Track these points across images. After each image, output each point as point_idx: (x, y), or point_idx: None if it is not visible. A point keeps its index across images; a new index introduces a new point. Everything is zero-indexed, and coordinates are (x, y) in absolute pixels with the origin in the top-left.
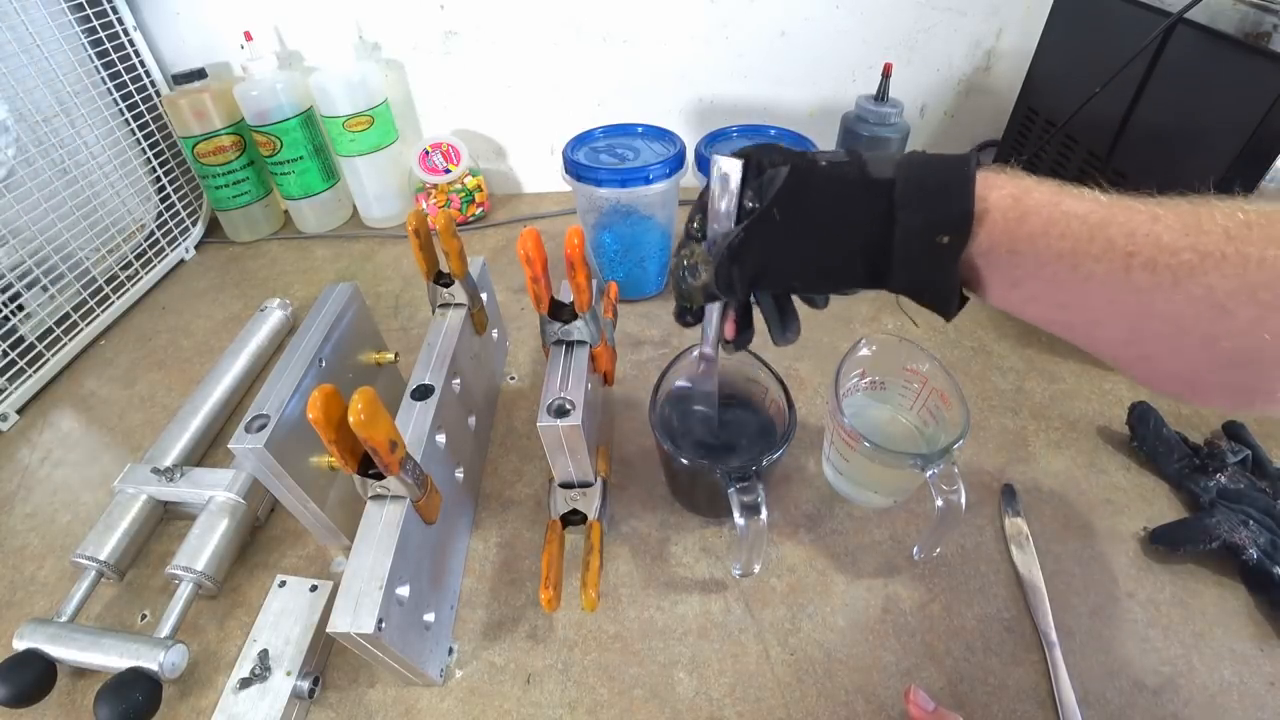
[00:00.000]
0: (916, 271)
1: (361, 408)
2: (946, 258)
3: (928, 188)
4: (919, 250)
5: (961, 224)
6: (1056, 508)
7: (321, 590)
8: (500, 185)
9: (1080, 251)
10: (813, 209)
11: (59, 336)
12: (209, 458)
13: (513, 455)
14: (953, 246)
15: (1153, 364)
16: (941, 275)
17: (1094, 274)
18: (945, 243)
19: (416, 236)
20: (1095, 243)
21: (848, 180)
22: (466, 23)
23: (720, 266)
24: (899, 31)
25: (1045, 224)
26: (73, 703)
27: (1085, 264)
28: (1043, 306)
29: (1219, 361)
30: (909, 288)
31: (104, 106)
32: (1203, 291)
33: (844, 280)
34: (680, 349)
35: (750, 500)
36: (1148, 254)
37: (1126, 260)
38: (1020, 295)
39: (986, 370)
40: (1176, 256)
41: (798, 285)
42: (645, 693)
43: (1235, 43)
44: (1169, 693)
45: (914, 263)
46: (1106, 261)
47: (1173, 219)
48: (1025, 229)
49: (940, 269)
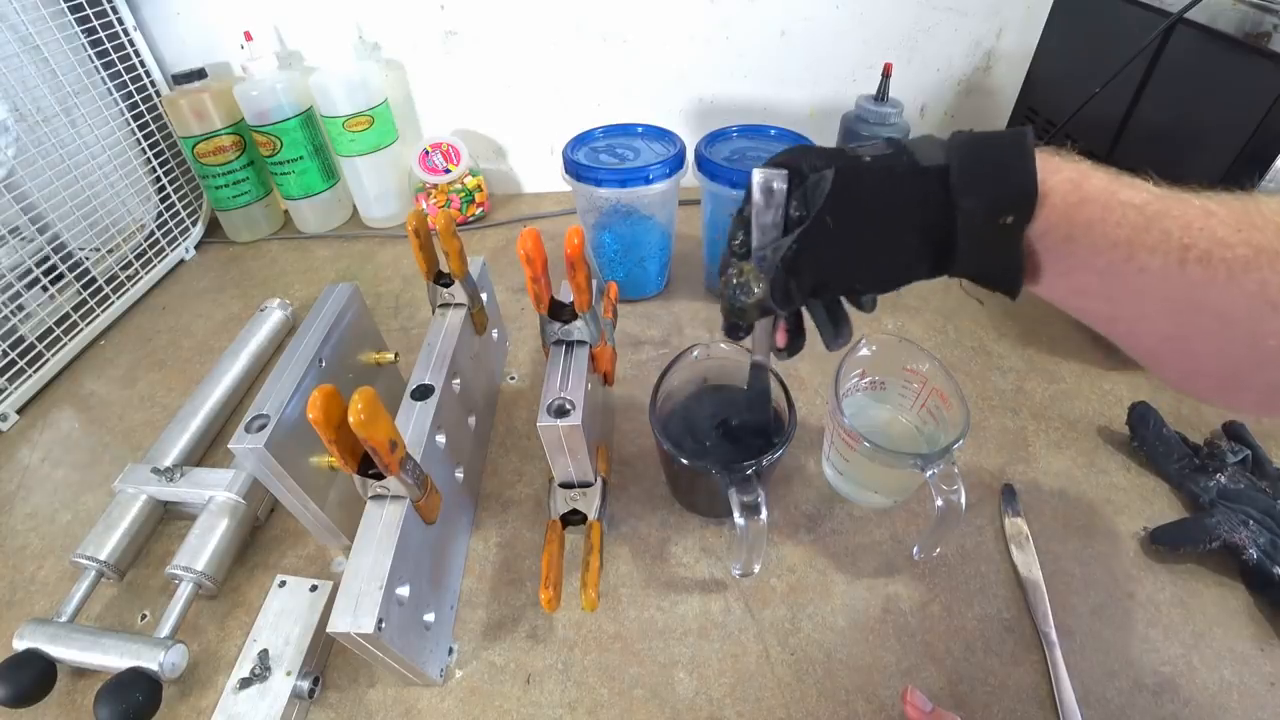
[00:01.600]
0: (981, 256)
1: (361, 408)
2: (1011, 237)
3: (985, 169)
4: (984, 234)
5: (1025, 203)
6: (1056, 508)
7: (321, 590)
8: (500, 185)
9: (1136, 242)
10: (865, 209)
11: (59, 336)
12: (209, 458)
13: (513, 455)
14: (1017, 225)
15: (1195, 361)
16: (1007, 256)
17: (1148, 266)
18: (1009, 223)
19: (416, 236)
20: (1151, 234)
21: (897, 174)
22: (466, 23)
23: (776, 281)
24: (899, 31)
25: (1103, 211)
26: (73, 703)
27: (1140, 255)
28: (1090, 299)
29: (1262, 359)
30: (974, 272)
31: (104, 106)
32: (1256, 287)
33: (907, 276)
34: (680, 349)
35: (750, 500)
36: (1203, 247)
37: (1182, 254)
38: (1069, 285)
39: (986, 370)
40: (1232, 251)
41: (859, 288)
42: (645, 693)
43: (1235, 43)
44: (1169, 693)
45: (979, 248)
46: (1162, 254)
47: (1225, 214)
48: (1083, 215)
49: (1006, 250)
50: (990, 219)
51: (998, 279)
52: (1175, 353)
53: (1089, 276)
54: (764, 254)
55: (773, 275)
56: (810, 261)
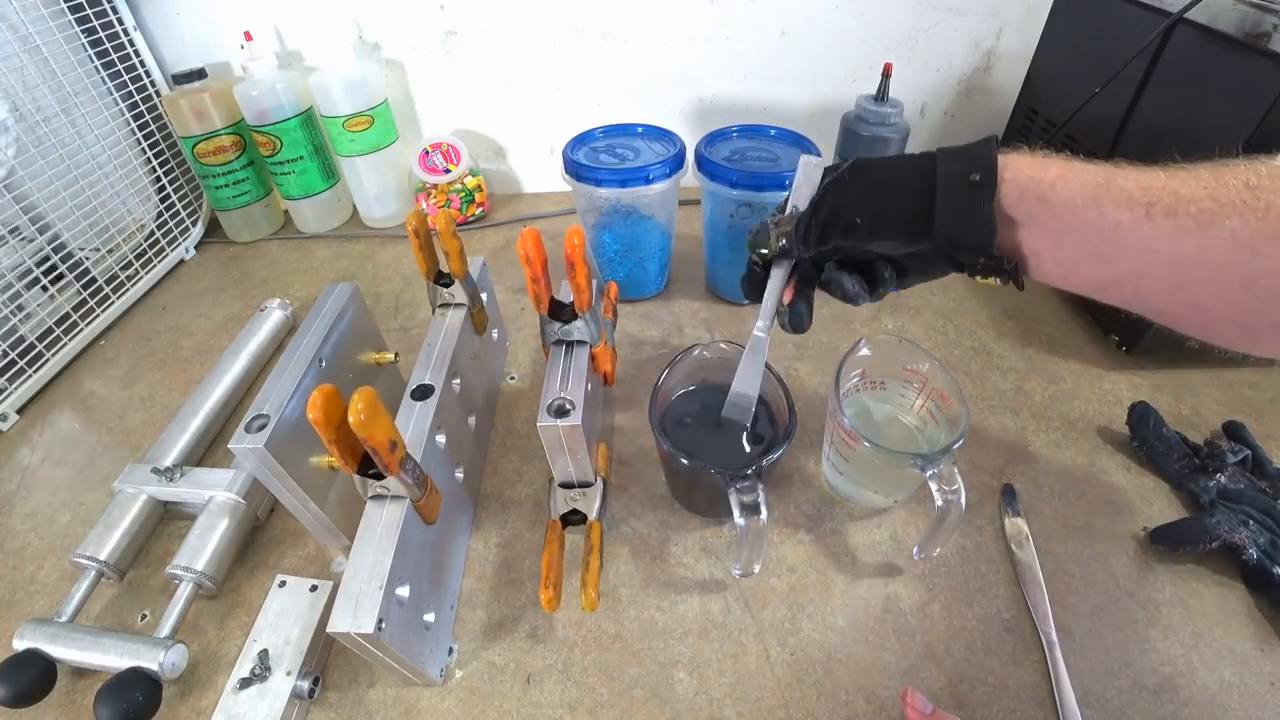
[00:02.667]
0: (955, 207)
1: (361, 408)
2: (980, 194)
3: (959, 152)
4: (956, 186)
5: (989, 167)
6: (1056, 508)
7: (321, 590)
8: (500, 185)
9: (1102, 198)
10: (873, 175)
11: (59, 336)
12: (209, 458)
13: (513, 455)
14: (984, 184)
15: (1204, 312)
16: (976, 213)
17: (1121, 221)
18: (976, 179)
19: (416, 236)
20: (1112, 190)
21: (899, 159)
22: (466, 23)
23: (800, 220)
24: (899, 31)
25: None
26: (73, 703)
27: (1109, 210)
28: (1089, 264)
29: (1262, 300)
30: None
31: (104, 106)
32: (1227, 235)
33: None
34: (680, 349)
35: (750, 500)
36: (1166, 203)
37: (1147, 209)
38: (1066, 255)
39: (986, 370)
40: (1196, 204)
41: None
42: (645, 693)
43: (1235, 43)
44: (1169, 693)
45: (952, 198)
46: (1128, 208)
47: (1187, 176)
48: (1048, 177)
49: (975, 207)
50: (961, 176)
51: (971, 237)
52: (1183, 306)
53: (1078, 239)
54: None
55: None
56: (827, 202)
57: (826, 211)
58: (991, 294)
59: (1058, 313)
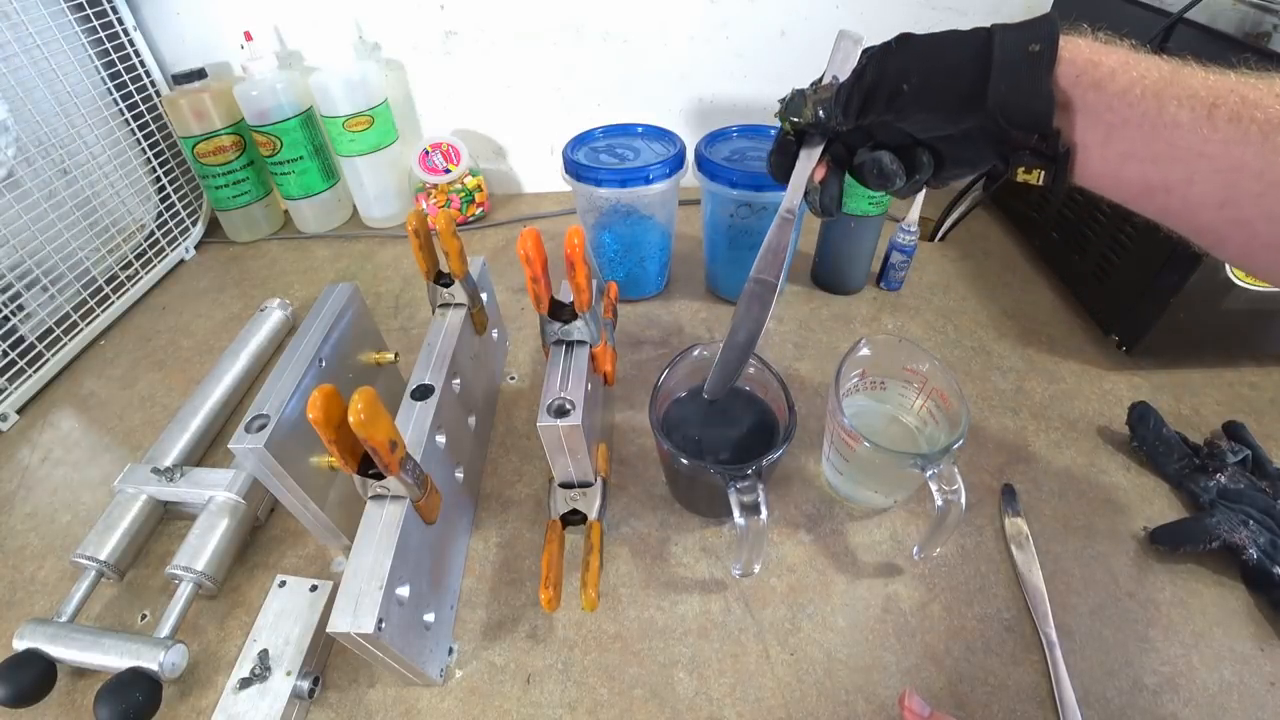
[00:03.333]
0: (1013, 78)
1: (361, 408)
2: (1039, 64)
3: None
4: (1014, 55)
5: (1049, 37)
6: (1056, 508)
7: (321, 590)
8: (500, 185)
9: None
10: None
11: (59, 336)
12: (209, 458)
13: (513, 455)
14: (1044, 55)
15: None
16: (1035, 84)
17: (1179, 120)
18: (1037, 50)
19: (416, 236)
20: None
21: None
22: (466, 23)
23: (841, 88)
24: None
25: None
26: (73, 703)
27: (1169, 106)
28: (1137, 163)
29: None
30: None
31: (104, 106)
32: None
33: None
34: (680, 349)
35: (750, 500)
36: (1232, 105)
37: (1210, 110)
38: (1115, 151)
39: (986, 370)
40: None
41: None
42: (645, 693)
43: (1235, 43)
44: (1169, 693)
45: (1010, 68)
46: (1189, 107)
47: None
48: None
49: (1034, 78)
50: (1020, 44)
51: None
52: (1230, 223)
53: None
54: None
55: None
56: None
57: (871, 77)
58: (991, 294)
59: (1058, 313)
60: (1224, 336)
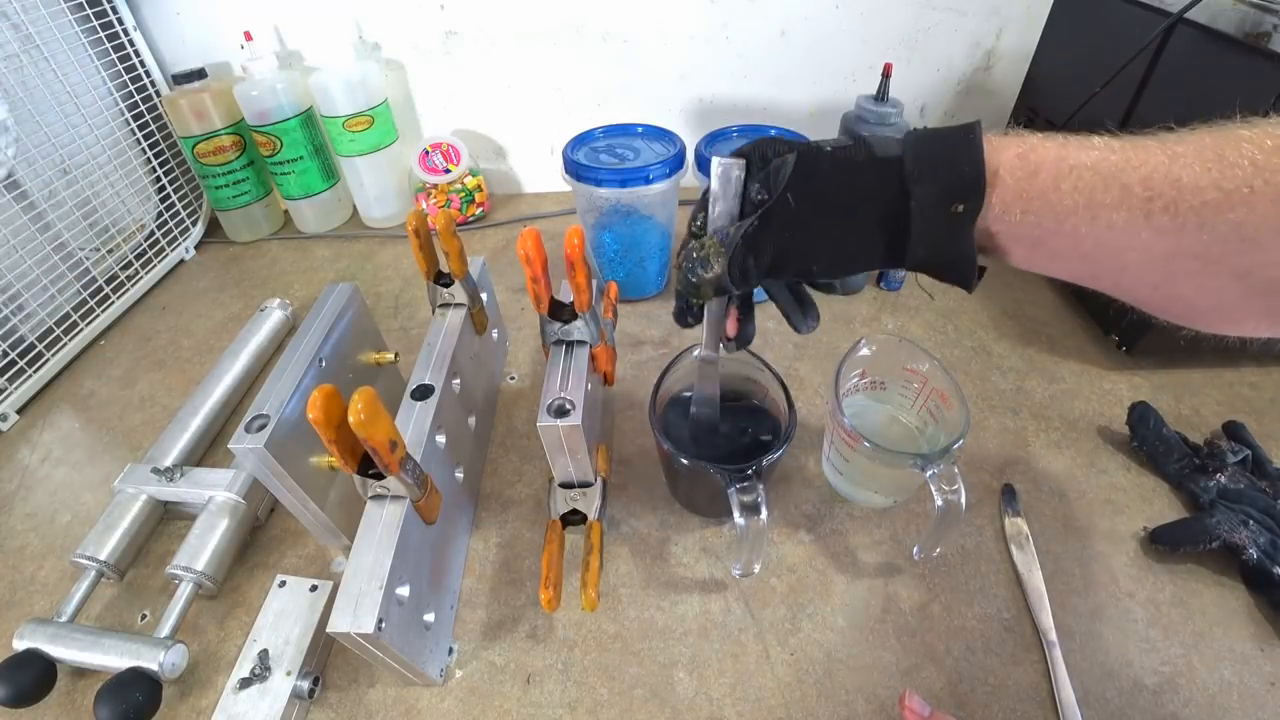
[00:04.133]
0: (934, 245)
1: (361, 408)
2: (963, 226)
3: (936, 159)
4: (935, 222)
5: (974, 189)
6: (1056, 508)
7: (321, 590)
8: (500, 185)
9: (1096, 202)
10: (825, 192)
11: (59, 336)
12: (209, 458)
13: (513, 455)
14: (968, 214)
15: (1186, 303)
16: (959, 245)
17: (1114, 223)
18: (960, 211)
19: (416, 236)
20: (1110, 191)
21: (855, 162)
22: (466, 23)
23: (735, 256)
24: (899, 31)
25: (1055, 179)
26: (73, 703)
27: (1102, 214)
28: (1068, 262)
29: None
30: (927, 262)
31: (104, 106)
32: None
33: (862, 261)
34: (680, 349)
35: (750, 500)
36: (1168, 197)
37: (1146, 206)
38: (1043, 254)
39: (986, 370)
40: (1199, 196)
41: (816, 270)
42: (645, 693)
43: (1235, 43)
44: (1169, 693)
45: (931, 235)
46: (1125, 209)
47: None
48: (1036, 186)
49: (958, 239)
50: (940, 206)
51: (951, 270)
52: (1166, 299)
53: (1060, 241)
54: (726, 231)
55: (732, 251)
56: (769, 239)
57: (770, 253)
58: (991, 294)
59: (1058, 313)
60: (1224, 336)
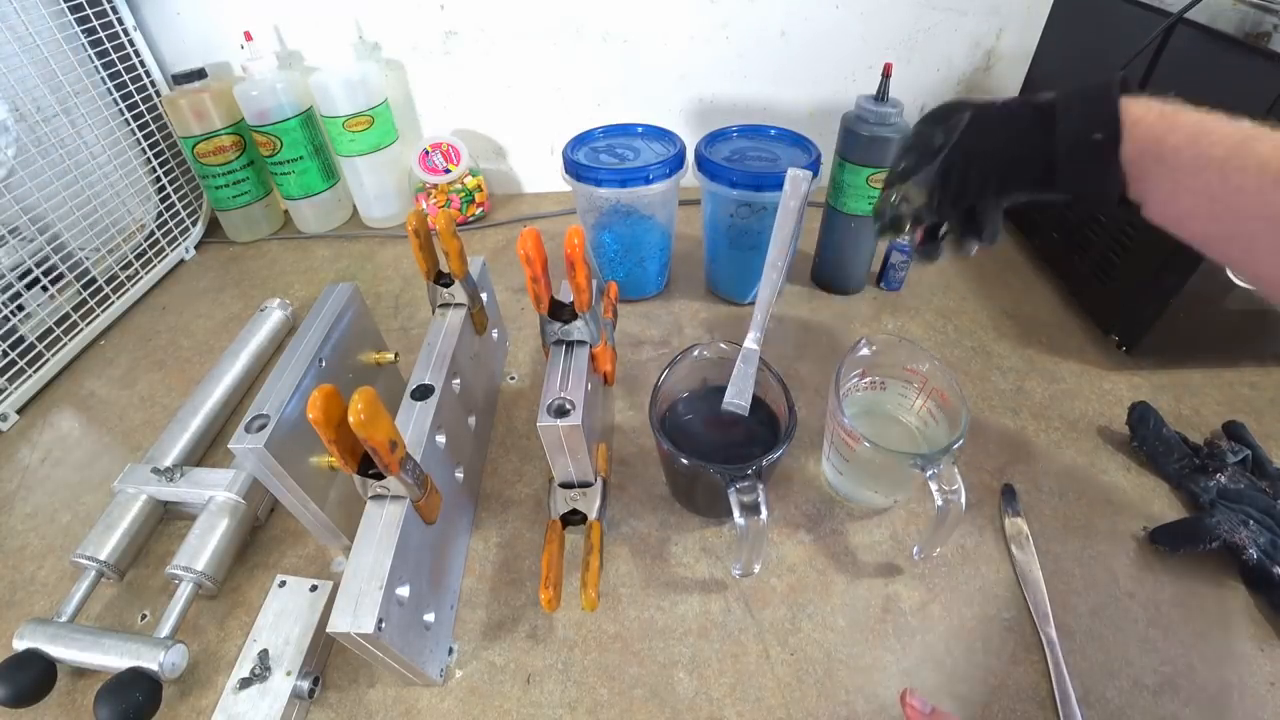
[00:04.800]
0: (1079, 169)
1: (361, 408)
2: (1103, 154)
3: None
4: (1077, 146)
5: (1110, 123)
6: (1056, 508)
7: (321, 590)
8: (500, 185)
9: (1229, 165)
10: (994, 131)
11: (59, 336)
12: (209, 458)
13: (513, 455)
14: (1107, 142)
15: None
16: (1099, 169)
17: (1244, 187)
18: (1099, 139)
19: (416, 236)
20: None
21: (1016, 110)
22: (466, 23)
23: (933, 190)
24: (899, 31)
25: (1191, 137)
26: (73, 703)
27: (1234, 177)
28: (1200, 222)
29: None
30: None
31: (104, 106)
32: None
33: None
34: (680, 349)
35: (750, 500)
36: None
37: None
38: (1177, 211)
39: (986, 370)
40: None
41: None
42: (645, 693)
43: (1235, 43)
44: (1169, 693)
45: (1075, 158)
46: (1256, 175)
47: None
48: (1171, 140)
49: (1099, 166)
50: (1082, 134)
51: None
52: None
53: (1190, 200)
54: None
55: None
56: (956, 175)
57: (957, 179)
58: (991, 294)
59: (1058, 313)
60: (1224, 336)
